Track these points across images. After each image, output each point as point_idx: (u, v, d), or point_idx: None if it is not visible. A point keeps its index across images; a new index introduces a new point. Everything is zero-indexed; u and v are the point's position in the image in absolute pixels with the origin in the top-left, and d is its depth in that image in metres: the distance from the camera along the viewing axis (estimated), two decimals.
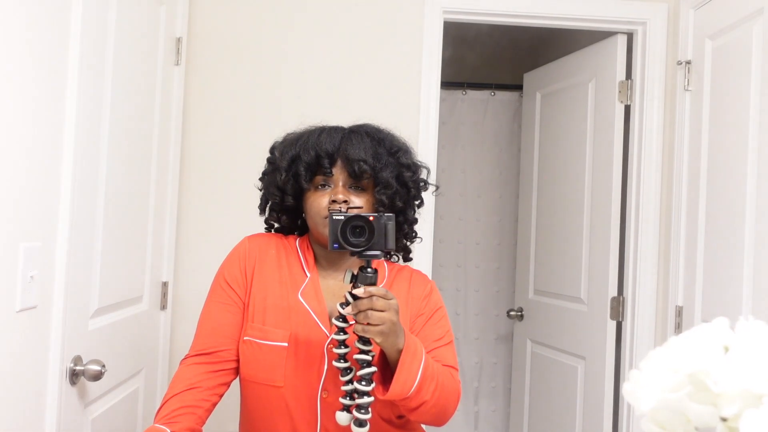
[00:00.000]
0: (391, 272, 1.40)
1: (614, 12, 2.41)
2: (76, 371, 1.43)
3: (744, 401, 0.50)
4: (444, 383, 1.21)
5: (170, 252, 2.11)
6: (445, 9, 2.36)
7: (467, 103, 3.75)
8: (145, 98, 1.85)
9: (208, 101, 2.26)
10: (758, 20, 1.89)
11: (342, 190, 1.32)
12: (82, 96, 1.41)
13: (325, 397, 1.26)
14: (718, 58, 2.09)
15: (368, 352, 1.16)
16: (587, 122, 2.67)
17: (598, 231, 2.59)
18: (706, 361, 0.52)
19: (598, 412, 2.51)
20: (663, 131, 2.38)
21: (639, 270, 2.39)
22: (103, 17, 1.52)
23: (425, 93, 2.32)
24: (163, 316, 2.08)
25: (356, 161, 1.30)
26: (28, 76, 1.24)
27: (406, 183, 1.36)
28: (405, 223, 1.39)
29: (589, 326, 2.61)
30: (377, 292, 1.11)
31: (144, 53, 1.82)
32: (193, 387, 1.25)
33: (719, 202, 2.03)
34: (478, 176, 3.75)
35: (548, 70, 3.00)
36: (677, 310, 2.22)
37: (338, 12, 2.32)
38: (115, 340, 1.68)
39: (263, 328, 1.29)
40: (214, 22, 2.27)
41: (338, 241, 1.15)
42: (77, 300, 1.44)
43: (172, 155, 2.08)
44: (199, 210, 2.24)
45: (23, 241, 1.23)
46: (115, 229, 1.64)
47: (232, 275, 1.36)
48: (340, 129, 1.38)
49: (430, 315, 1.35)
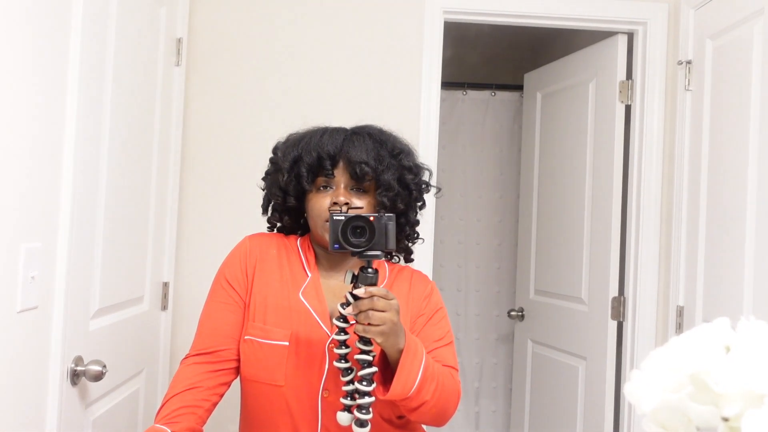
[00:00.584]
0: (392, 272, 1.40)
1: (615, 12, 2.41)
2: (77, 372, 1.43)
3: (745, 401, 0.50)
4: (444, 383, 1.21)
5: (171, 252, 2.11)
6: (446, 9, 2.36)
7: (468, 103, 3.75)
8: (146, 99, 1.85)
9: (209, 102, 2.26)
10: (759, 20, 1.89)
11: (343, 191, 1.31)
12: (83, 97, 1.41)
13: (326, 397, 1.26)
14: (719, 58, 2.09)
15: (369, 352, 1.16)
16: (588, 122, 2.67)
17: (598, 231, 2.59)
18: (708, 361, 0.52)
19: (599, 413, 2.51)
20: (664, 131, 2.38)
21: (640, 270, 2.39)
22: (103, 18, 1.52)
23: (426, 93, 2.33)
24: (163, 317, 2.08)
25: (358, 163, 1.29)
26: (29, 76, 1.24)
27: (408, 185, 1.36)
28: (406, 225, 1.39)
29: (589, 326, 2.61)
30: (378, 293, 1.11)
31: (144, 54, 1.82)
32: (194, 387, 1.25)
33: (720, 202, 2.03)
34: (479, 176, 3.75)
35: (549, 71, 3.00)
36: (678, 310, 2.22)
37: (339, 12, 2.32)
38: (116, 341, 1.68)
39: (264, 328, 1.29)
40: (214, 22, 2.28)
41: (339, 241, 1.15)
42: (78, 300, 1.44)
43: (172, 155, 2.08)
44: (200, 210, 2.24)
45: (24, 241, 1.23)
46: (116, 229, 1.64)
47: (233, 274, 1.35)
48: (342, 130, 1.37)
49: (431, 315, 1.35)
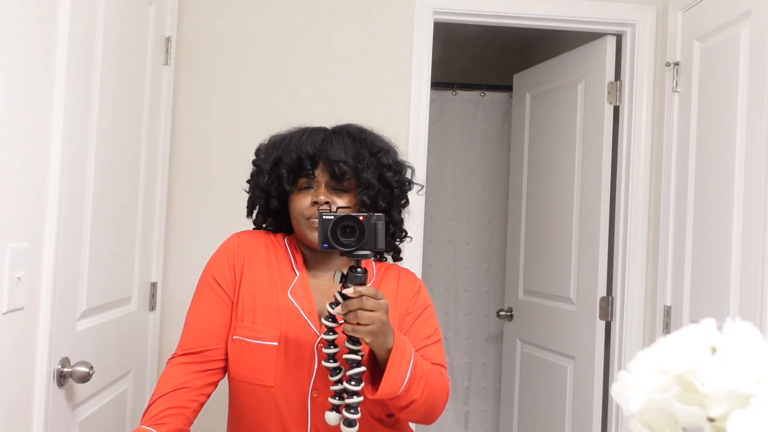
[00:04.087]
0: (380, 271, 1.40)
1: (603, 13, 2.43)
2: (63, 373, 1.41)
3: (731, 402, 0.50)
4: (433, 381, 1.22)
5: (159, 253, 2.09)
6: (436, 10, 2.36)
7: (457, 103, 3.76)
8: (134, 98, 1.84)
9: (198, 101, 2.25)
10: (746, 22, 1.91)
11: (324, 191, 1.31)
12: (70, 96, 1.40)
13: (315, 397, 1.26)
14: (706, 59, 2.11)
15: (357, 351, 1.16)
16: (576, 123, 2.68)
17: (587, 231, 2.60)
18: (694, 362, 0.53)
19: (588, 412, 2.52)
20: (651, 132, 2.39)
21: (628, 270, 2.40)
22: (91, 17, 1.51)
23: (415, 93, 2.33)
24: (152, 317, 2.07)
25: (337, 162, 1.29)
26: (15, 75, 1.22)
27: (388, 183, 1.35)
28: (390, 223, 1.38)
29: (578, 326, 2.62)
30: (367, 292, 1.11)
31: (133, 53, 1.81)
32: (181, 387, 1.24)
33: (707, 203, 2.05)
34: (468, 176, 3.75)
35: (538, 71, 3.01)
36: (666, 310, 2.23)
37: (329, 12, 2.32)
38: (103, 342, 1.66)
39: (253, 327, 1.28)
40: (203, 21, 2.26)
41: (328, 240, 1.15)
42: (65, 301, 1.43)
43: (161, 155, 2.07)
44: (188, 210, 2.23)
45: (10, 242, 1.22)
46: (104, 229, 1.63)
47: (221, 273, 1.34)
48: (322, 130, 1.37)
49: (419, 313, 1.35)
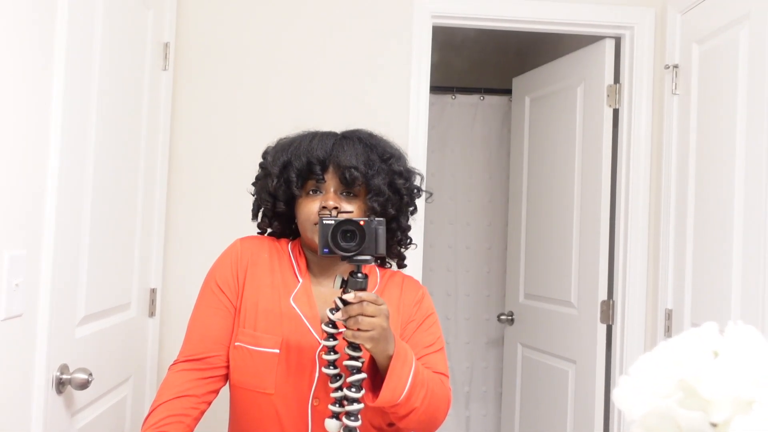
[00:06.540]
0: (383, 278, 1.39)
1: (602, 16, 2.43)
2: (62, 380, 1.41)
3: (734, 407, 0.50)
4: (434, 390, 1.21)
5: (158, 258, 2.09)
6: (434, 14, 2.36)
7: (456, 107, 3.76)
8: (133, 103, 1.84)
9: (196, 106, 2.25)
10: (745, 24, 1.90)
11: (333, 196, 1.30)
12: (68, 101, 1.39)
13: (316, 405, 1.25)
14: (706, 62, 2.10)
15: (358, 358, 1.15)
16: (576, 126, 2.68)
17: (587, 235, 2.59)
18: (696, 367, 0.52)
19: (589, 416, 2.51)
20: (651, 135, 2.39)
21: (629, 273, 2.39)
22: (89, 23, 1.51)
23: (414, 97, 2.32)
24: (151, 323, 2.06)
25: (347, 168, 1.28)
26: (13, 80, 1.22)
27: (398, 190, 1.34)
28: (398, 230, 1.38)
29: (579, 330, 2.61)
30: (367, 298, 1.10)
31: (131, 58, 1.81)
32: (182, 395, 1.24)
33: (708, 206, 2.04)
34: (468, 180, 3.75)
35: (537, 75, 3.01)
36: (667, 313, 2.23)
37: (328, 17, 2.32)
38: (102, 348, 1.66)
39: (255, 334, 1.27)
40: (202, 27, 2.26)
41: (328, 245, 1.14)
42: (64, 308, 1.42)
43: (159, 161, 2.07)
44: (188, 215, 2.23)
45: (8, 248, 1.22)
46: (102, 235, 1.63)
47: (224, 278, 1.33)
48: (332, 134, 1.36)
49: (421, 321, 1.34)
